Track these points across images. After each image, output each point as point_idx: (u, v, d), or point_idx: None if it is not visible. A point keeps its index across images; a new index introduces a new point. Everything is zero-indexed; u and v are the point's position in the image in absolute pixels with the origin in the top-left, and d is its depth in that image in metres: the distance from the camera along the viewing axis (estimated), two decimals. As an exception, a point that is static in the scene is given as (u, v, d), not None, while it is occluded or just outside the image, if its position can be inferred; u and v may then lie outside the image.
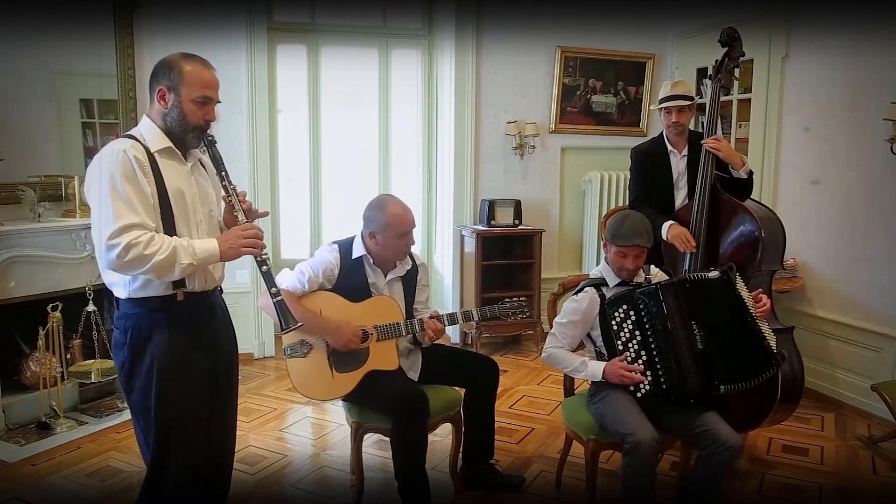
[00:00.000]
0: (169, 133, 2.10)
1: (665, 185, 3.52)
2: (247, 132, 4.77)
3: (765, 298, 2.68)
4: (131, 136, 2.07)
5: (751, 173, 3.33)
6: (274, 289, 2.14)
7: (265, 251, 2.15)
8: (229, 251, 2.08)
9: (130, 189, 1.95)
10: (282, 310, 2.14)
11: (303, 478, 3.22)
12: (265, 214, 2.24)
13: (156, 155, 2.05)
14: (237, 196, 2.17)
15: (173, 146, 2.10)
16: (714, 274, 2.62)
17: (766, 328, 2.63)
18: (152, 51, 4.36)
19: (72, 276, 3.90)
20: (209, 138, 2.16)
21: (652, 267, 2.88)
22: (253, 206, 2.26)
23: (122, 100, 4.34)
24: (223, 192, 2.19)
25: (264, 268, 2.14)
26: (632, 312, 2.64)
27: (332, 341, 2.76)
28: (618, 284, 2.76)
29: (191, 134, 2.11)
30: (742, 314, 2.60)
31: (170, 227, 2.04)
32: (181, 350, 2.08)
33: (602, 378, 2.65)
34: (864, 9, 3.87)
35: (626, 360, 2.62)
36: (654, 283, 2.66)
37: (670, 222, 3.34)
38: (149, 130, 2.09)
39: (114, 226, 1.91)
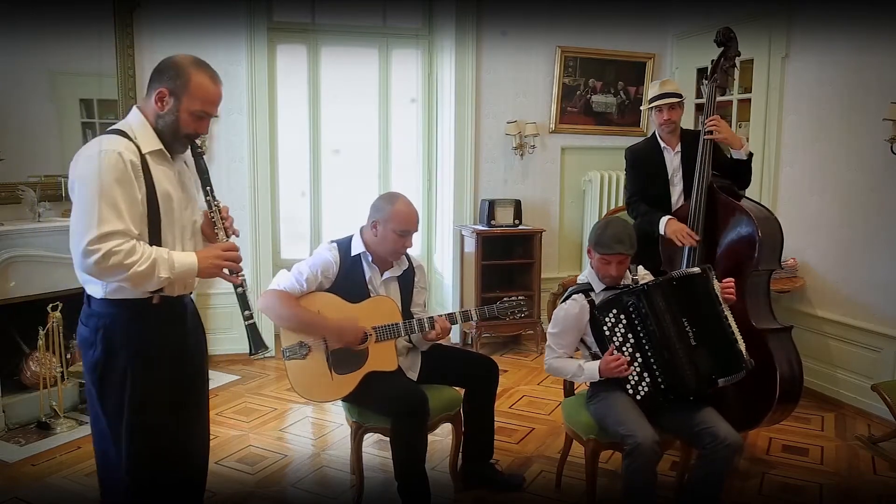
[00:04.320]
0: (158, 134, 2.03)
1: (661, 182, 3.53)
2: (247, 132, 4.77)
3: (731, 284, 2.70)
4: (122, 132, 1.98)
5: (751, 155, 3.36)
6: (247, 311, 2.12)
7: (242, 274, 2.12)
8: (208, 268, 2.03)
9: (120, 193, 1.88)
10: (252, 334, 2.13)
11: (303, 478, 3.22)
12: (237, 234, 2.18)
13: (147, 156, 1.98)
14: (220, 213, 2.13)
15: (164, 149, 2.04)
16: (696, 270, 2.64)
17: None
18: (152, 51, 4.37)
19: (72, 276, 3.77)
20: (198, 150, 2.11)
21: (640, 268, 2.87)
22: (233, 224, 2.19)
23: (122, 100, 4.34)
24: (206, 207, 2.14)
25: (239, 290, 2.11)
26: (622, 316, 2.64)
27: (333, 339, 2.76)
28: (605, 289, 2.75)
29: (179, 141, 2.05)
30: (721, 311, 2.61)
31: (156, 233, 1.99)
32: (156, 353, 2.04)
33: (600, 376, 2.66)
34: (864, 9, 3.87)
35: (612, 353, 2.62)
36: (640, 285, 2.65)
37: (668, 217, 3.34)
38: (141, 128, 2.01)
39: (96, 231, 1.85)
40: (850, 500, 3.05)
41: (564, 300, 2.82)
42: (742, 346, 2.60)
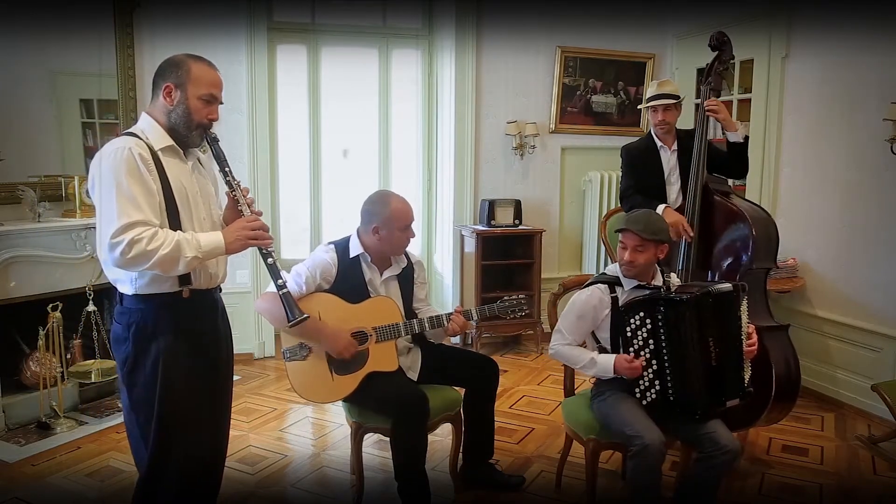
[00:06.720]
0: (171, 131, 2.10)
1: (657, 180, 3.55)
2: (247, 132, 4.77)
3: (755, 337, 2.64)
4: (133, 134, 2.06)
5: (746, 138, 3.38)
6: (280, 280, 2.15)
7: (271, 247, 2.16)
8: (235, 243, 2.08)
9: (135, 186, 1.94)
10: (287, 302, 2.15)
11: (303, 478, 3.22)
12: (260, 214, 2.22)
13: (159, 153, 2.05)
14: (241, 191, 2.19)
15: (175, 144, 2.11)
16: (729, 287, 2.55)
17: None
18: (152, 51, 4.36)
19: (72, 276, 3.90)
20: (212, 136, 2.17)
21: (673, 274, 2.84)
22: (254, 204, 2.25)
23: (122, 100, 4.34)
24: (227, 188, 2.19)
25: (269, 260, 2.15)
26: (648, 321, 2.56)
27: (327, 348, 2.76)
28: (635, 287, 2.66)
29: (194, 132, 2.12)
30: (740, 334, 2.58)
31: (176, 225, 2.05)
32: (186, 347, 2.09)
33: (614, 373, 2.61)
34: (863, 9, 3.87)
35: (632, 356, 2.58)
36: (674, 293, 2.56)
37: (665, 205, 3.37)
38: (151, 128, 2.09)
39: (117, 223, 1.90)
40: (850, 500, 3.06)
41: (587, 286, 2.76)
42: (748, 374, 2.58)
